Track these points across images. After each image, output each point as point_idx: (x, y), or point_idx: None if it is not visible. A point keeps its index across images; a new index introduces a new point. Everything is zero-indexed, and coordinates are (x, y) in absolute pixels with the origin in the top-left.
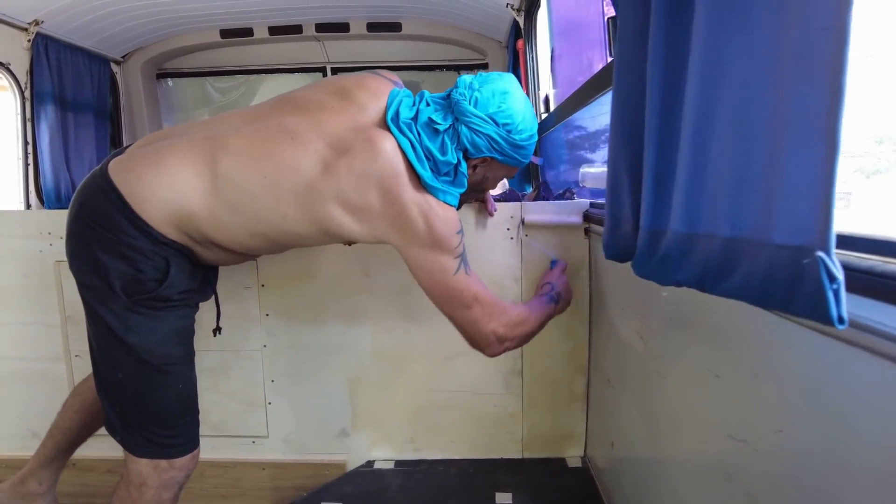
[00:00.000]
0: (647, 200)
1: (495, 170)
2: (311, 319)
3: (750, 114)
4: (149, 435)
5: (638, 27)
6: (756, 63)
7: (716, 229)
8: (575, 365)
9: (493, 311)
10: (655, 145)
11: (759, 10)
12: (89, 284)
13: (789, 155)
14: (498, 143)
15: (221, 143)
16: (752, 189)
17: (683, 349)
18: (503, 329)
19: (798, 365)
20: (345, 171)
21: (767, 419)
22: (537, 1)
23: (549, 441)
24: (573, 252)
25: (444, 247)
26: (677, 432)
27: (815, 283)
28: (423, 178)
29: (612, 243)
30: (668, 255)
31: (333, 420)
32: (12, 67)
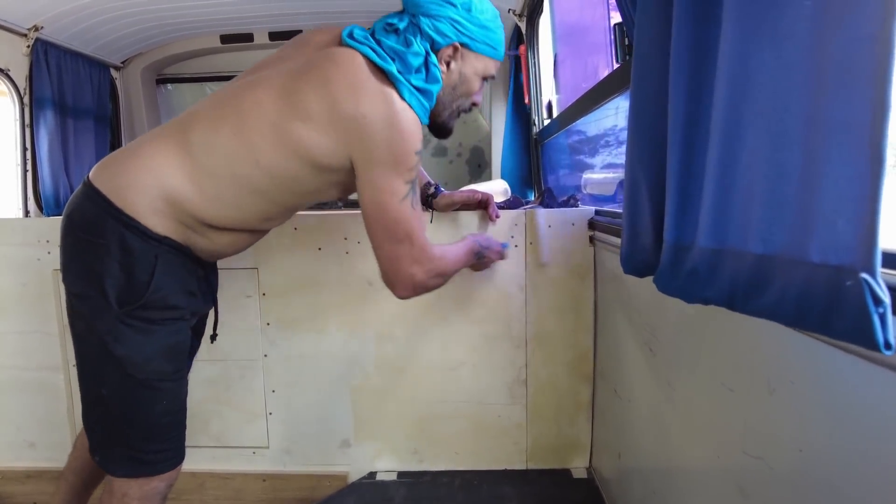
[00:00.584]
0: (671, 213)
1: (470, 63)
2: (312, 328)
3: (783, 124)
4: (131, 452)
5: (657, 33)
6: (789, 72)
7: (746, 245)
8: (580, 374)
9: (422, 255)
10: (680, 156)
11: (791, 19)
12: (83, 295)
13: (829, 168)
14: (462, 24)
15: (190, 119)
16: (785, 203)
17: (694, 360)
18: (422, 276)
19: (821, 383)
20: (305, 87)
21: (787, 437)
22: (540, 6)
23: (554, 451)
24: (578, 259)
25: (399, 162)
26: (688, 445)
27: (858, 306)
28: (389, 73)
29: (631, 257)
30: (696, 271)
31: (335, 431)
32: (11, 73)
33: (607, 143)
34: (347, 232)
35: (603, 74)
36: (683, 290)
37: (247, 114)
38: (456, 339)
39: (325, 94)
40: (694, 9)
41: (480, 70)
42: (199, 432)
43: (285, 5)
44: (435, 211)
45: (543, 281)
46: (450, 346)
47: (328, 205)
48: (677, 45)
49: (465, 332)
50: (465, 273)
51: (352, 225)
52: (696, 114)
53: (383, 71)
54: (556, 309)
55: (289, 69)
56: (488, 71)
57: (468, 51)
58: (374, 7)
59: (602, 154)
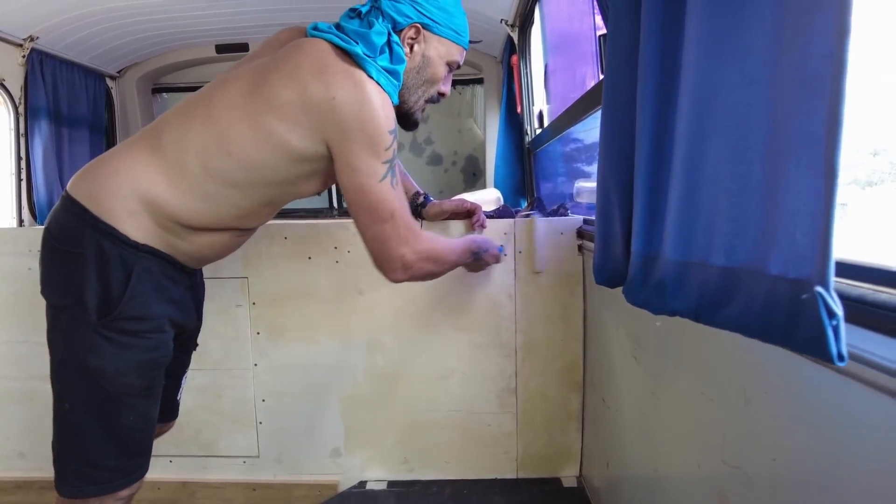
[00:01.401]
0: (638, 225)
1: (433, 46)
2: (303, 338)
3: (746, 139)
4: (84, 468)
5: (628, 48)
6: (751, 87)
7: (711, 258)
8: (570, 383)
9: (409, 234)
10: (647, 169)
11: (753, 34)
12: (62, 306)
13: (788, 183)
14: (422, 4)
15: (161, 122)
16: (748, 217)
17: (677, 371)
18: (412, 256)
19: (793, 393)
20: (274, 78)
21: (762, 447)
22: (531, 16)
23: (544, 460)
24: (567, 268)
25: (373, 144)
26: (672, 454)
27: (813, 319)
28: (355, 55)
29: (603, 267)
30: (662, 283)
31: (325, 440)
32: (6, 83)
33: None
34: (338, 241)
35: (589, 84)
36: (650, 302)
37: (216, 108)
38: (446, 348)
39: (293, 81)
40: (660, 24)
41: (444, 54)
42: (190, 441)
43: (280, 16)
44: (424, 220)
45: (533, 290)
46: (440, 355)
47: (321, 213)
48: (644, 60)
49: (455, 341)
50: (454, 281)
51: (342, 234)
52: (662, 127)
53: (349, 54)
54: (545, 318)
55: (256, 65)
56: (452, 56)
57: (430, 33)
58: None
59: (593, 164)
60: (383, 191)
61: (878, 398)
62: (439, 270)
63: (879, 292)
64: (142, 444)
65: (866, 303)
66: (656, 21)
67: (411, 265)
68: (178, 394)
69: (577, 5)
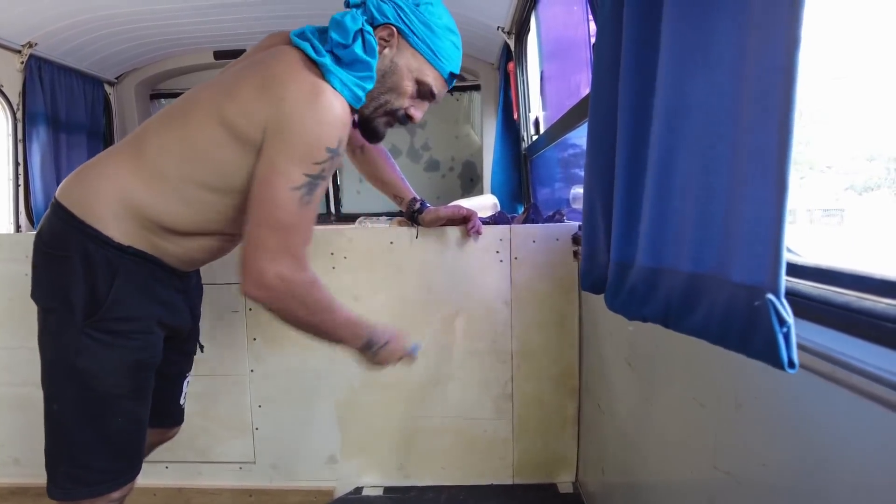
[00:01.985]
0: (616, 233)
1: (405, 56)
2: (299, 344)
3: (714, 149)
4: (75, 470)
5: (611, 59)
6: (720, 98)
7: (679, 264)
8: (566, 389)
9: (286, 258)
10: (625, 177)
11: (721, 46)
12: (50, 307)
13: (748, 192)
14: (404, 11)
15: (146, 126)
16: (713, 224)
17: (670, 376)
18: (275, 279)
19: (782, 399)
20: (243, 83)
21: (751, 452)
22: (527, 24)
23: (540, 466)
24: (562, 274)
25: (303, 150)
26: (666, 460)
27: (766, 326)
28: (321, 66)
29: (589, 273)
30: (635, 289)
31: (322, 446)
32: (4, 89)
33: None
34: (334, 247)
35: (584, 93)
36: (625, 307)
37: (192, 113)
38: (442, 354)
39: (256, 80)
40: (639, 35)
41: (414, 69)
42: (186, 447)
43: (278, 23)
44: (421, 226)
45: (528, 296)
46: (435, 361)
47: (319, 218)
48: (624, 71)
49: (451, 348)
50: (450, 288)
51: (339, 240)
52: (639, 138)
53: (317, 65)
54: (541, 324)
55: (233, 70)
56: (423, 75)
57: (405, 42)
58: None
59: None
60: (286, 198)
61: (865, 404)
62: (305, 319)
63: (864, 300)
64: (132, 445)
65: (852, 310)
66: (636, 33)
67: (269, 286)
68: (181, 399)
69: (573, 13)
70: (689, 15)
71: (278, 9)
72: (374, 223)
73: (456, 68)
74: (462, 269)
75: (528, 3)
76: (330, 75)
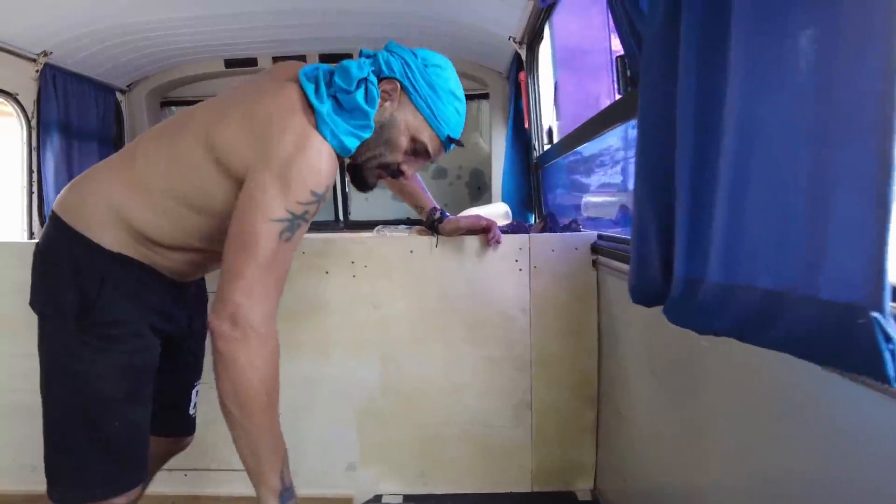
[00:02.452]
0: (681, 248)
1: (404, 113)
2: (318, 352)
3: (790, 169)
4: (77, 474)
5: (664, 75)
6: (795, 120)
7: (755, 281)
8: (584, 397)
9: (262, 294)
10: (689, 195)
11: (794, 72)
12: (46, 314)
13: (835, 213)
14: (412, 70)
15: (141, 139)
16: (793, 243)
17: (698, 385)
18: (251, 316)
19: (826, 409)
20: (237, 106)
21: (795, 463)
22: (540, 34)
23: (558, 474)
24: (581, 283)
25: (286, 188)
26: (694, 468)
27: (870, 343)
28: (317, 114)
29: (640, 288)
30: (707, 305)
31: (340, 454)
32: (20, 97)
33: (602, 163)
34: (354, 256)
35: (603, 102)
36: (694, 323)
37: (184, 131)
38: (460, 362)
39: (251, 110)
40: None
41: (412, 127)
42: (205, 455)
43: (288, 31)
44: (440, 235)
45: (546, 304)
46: (454, 369)
47: (327, 226)
48: (685, 90)
49: (469, 356)
50: (468, 295)
51: (358, 249)
52: (704, 156)
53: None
54: (559, 332)
55: (238, 94)
56: (420, 134)
57: (407, 99)
58: (373, 34)
59: (597, 174)
60: (265, 230)
61: None
62: (248, 390)
63: None
64: (132, 450)
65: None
66: (696, 49)
67: (244, 325)
68: (190, 408)
69: (589, 24)
70: (759, 32)
71: (287, 19)
72: (393, 232)
73: (455, 133)
74: (481, 278)
75: (542, 13)
76: (322, 124)
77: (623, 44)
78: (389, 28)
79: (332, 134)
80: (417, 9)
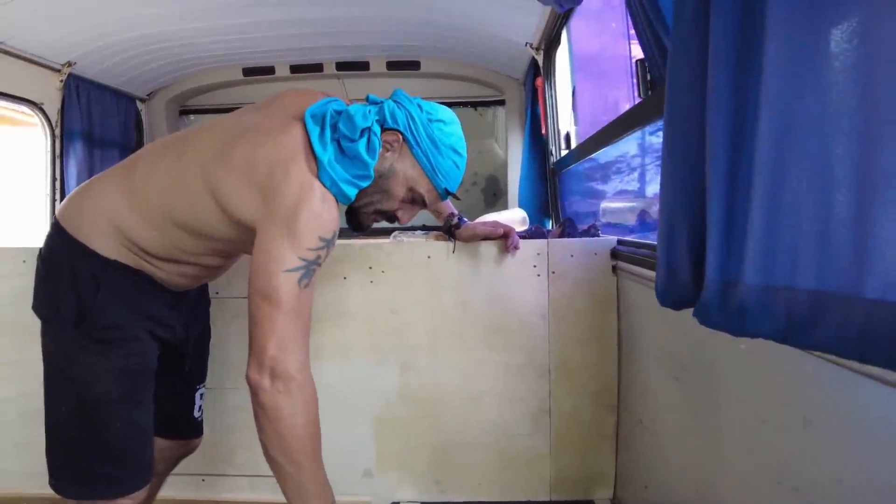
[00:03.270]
0: (714, 250)
1: (404, 165)
2: (336, 357)
3: (830, 168)
4: (83, 473)
5: (693, 73)
6: (834, 119)
7: (796, 282)
8: (604, 404)
9: (291, 343)
10: (722, 196)
11: (834, 71)
12: (46, 318)
13: (881, 212)
14: (415, 122)
15: (144, 151)
16: (836, 243)
17: (724, 392)
18: (285, 365)
19: (859, 414)
20: (243, 142)
21: (825, 469)
22: (557, 39)
23: (577, 482)
24: (601, 289)
25: (295, 238)
26: (718, 476)
27: None
28: (318, 159)
29: (669, 292)
30: (744, 307)
31: (358, 460)
32: (45, 107)
33: (619, 169)
34: (372, 261)
35: (623, 106)
36: (731, 325)
37: (186, 152)
38: (478, 368)
39: (254, 155)
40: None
41: (411, 178)
42: (224, 461)
43: (306, 40)
44: (458, 241)
45: (566, 310)
46: (472, 375)
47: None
48: (717, 89)
49: (488, 362)
50: (486, 301)
51: (377, 254)
52: (739, 155)
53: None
54: (579, 339)
55: (244, 121)
56: (417, 186)
57: (408, 151)
58: (389, 42)
59: (614, 181)
60: (284, 281)
61: None
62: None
63: None
64: (134, 452)
65: None
66: (729, 50)
67: (283, 376)
68: (195, 411)
69: (608, 29)
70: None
71: (304, 28)
72: (410, 237)
73: (452, 187)
74: (499, 284)
75: (559, 19)
76: (323, 172)
77: (643, 47)
78: (405, 36)
79: (332, 181)
80: (433, 17)
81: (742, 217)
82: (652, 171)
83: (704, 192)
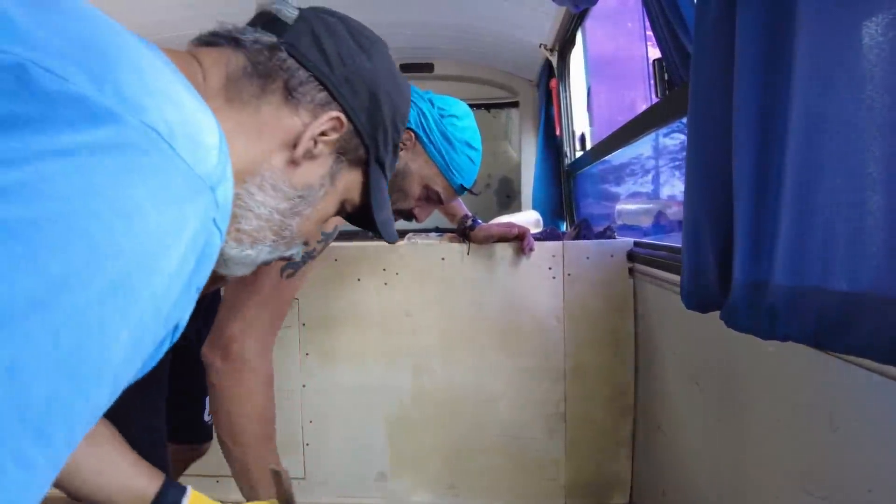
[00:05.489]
0: (742, 251)
1: (418, 162)
2: (350, 359)
3: (864, 166)
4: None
5: (718, 71)
6: (868, 115)
7: (829, 283)
8: (620, 409)
9: (259, 331)
10: (751, 195)
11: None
12: None
13: None
14: (427, 118)
15: None
16: (870, 242)
17: (746, 396)
18: (244, 348)
19: (891, 421)
20: None
21: (853, 475)
22: (572, 41)
23: (592, 488)
24: (617, 292)
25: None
26: (740, 482)
27: None
28: None
29: (695, 294)
30: (774, 309)
31: (371, 463)
32: None
33: (633, 171)
34: (386, 263)
35: (640, 107)
36: (759, 328)
37: None
38: (493, 371)
39: None
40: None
41: (426, 176)
42: None
43: None
44: (472, 243)
45: (581, 313)
46: (486, 378)
47: (356, 235)
48: (744, 87)
49: (502, 365)
50: (501, 303)
51: (391, 256)
52: (768, 154)
53: None
54: (594, 342)
55: None
56: (433, 183)
57: (421, 148)
58: (402, 44)
59: (628, 183)
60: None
61: None
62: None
63: None
64: (149, 457)
65: None
66: (756, 48)
67: (236, 358)
68: (204, 415)
69: (625, 29)
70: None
71: None
72: (424, 239)
73: (468, 182)
74: (513, 286)
75: (574, 20)
76: None
77: (660, 46)
78: (418, 38)
79: None
80: (447, 19)
81: (771, 217)
82: (666, 173)
83: (730, 192)
